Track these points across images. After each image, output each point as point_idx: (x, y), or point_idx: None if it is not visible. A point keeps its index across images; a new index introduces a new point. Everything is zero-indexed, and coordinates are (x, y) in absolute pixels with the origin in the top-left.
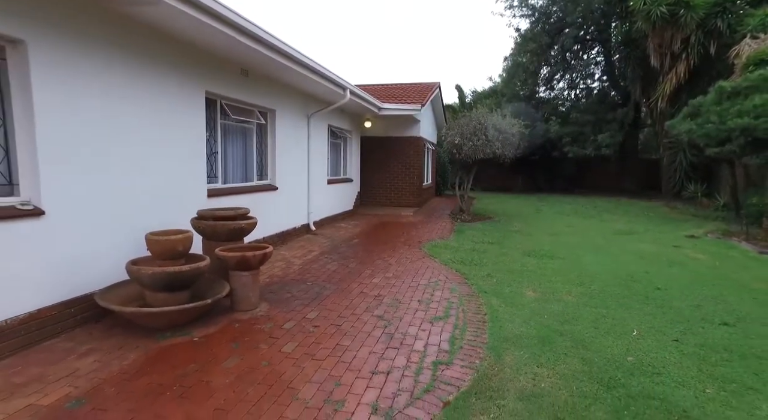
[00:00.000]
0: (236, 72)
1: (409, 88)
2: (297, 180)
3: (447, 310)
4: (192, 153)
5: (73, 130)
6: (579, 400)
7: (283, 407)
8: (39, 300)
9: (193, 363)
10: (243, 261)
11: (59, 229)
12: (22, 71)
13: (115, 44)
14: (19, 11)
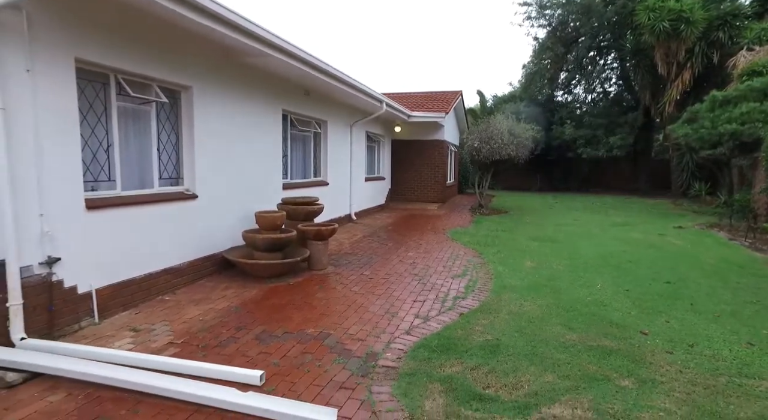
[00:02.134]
0: (301, 93)
1: (433, 96)
2: (342, 177)
3: (464, 272)
4: (275, 156)
5: (211, 143)
6: (545, 315)
7: (360, 313)
8: (195, 253)
9: (295, 294)
10: (319, 233)
11: (204, 209)
12: (189, 106)
13: (234, 81)
14: (189, 68)
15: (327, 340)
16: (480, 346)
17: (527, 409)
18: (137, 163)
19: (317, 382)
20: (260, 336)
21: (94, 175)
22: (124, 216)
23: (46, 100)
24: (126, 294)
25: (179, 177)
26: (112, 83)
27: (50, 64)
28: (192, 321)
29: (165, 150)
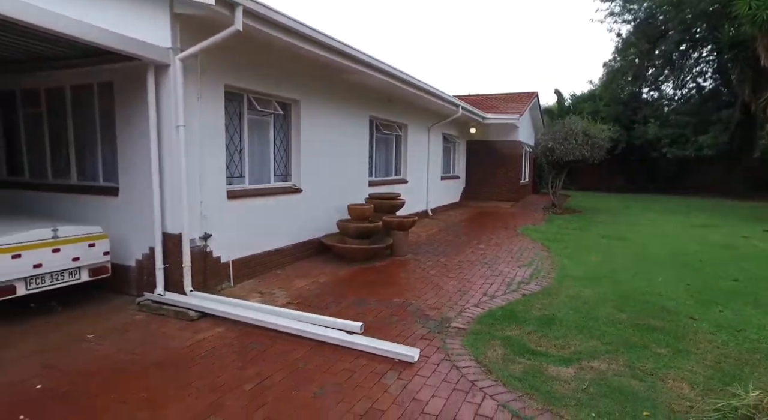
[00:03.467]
0: (384, 100)
1: (508, 97)
2: (419, 176)
3: (530, 262)
4: (363, 156)
5: (312, 146)
6: (600, 299)
7: (436, 290)
8: (299, 237)
9: (381, 274)
10: (401, 224)
11: (307, 201)
12: (297, 116)
13: (331, 94)
14: (298, 85)
15: (409, 307)
16: (537, 318)
17: (570, 361)
18: (259, 162)
19: (403, 334)
20: (355, 302)
21: (231, 172)
22: (250, 205)
23: (206, 117)
24: (250, 266)
25: (288, 174)
26: (245, 101)
27: (210, 91)
28: (301, 289)
29: (278, 152)
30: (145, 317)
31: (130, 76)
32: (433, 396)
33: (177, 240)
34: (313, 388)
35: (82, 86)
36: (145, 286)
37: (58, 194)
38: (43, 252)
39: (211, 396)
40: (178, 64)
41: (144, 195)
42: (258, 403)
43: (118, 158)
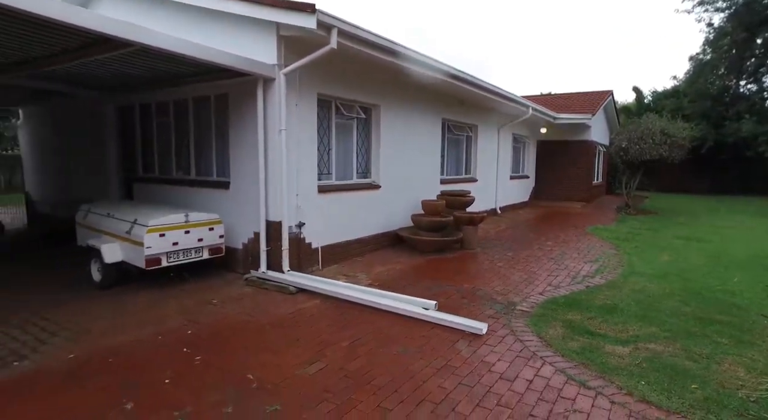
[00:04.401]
0: (456, 102)
1: (581, 96)
2: (489, 175)
3: (597, 259)
4: (435, 156)
5: (390, 146)
6: (665, 294)
7: (503, 279)
8: (377, 229)
9: (452, 264)
10: (471, 219)
11: (384, 196)
12: (377, 119)
13: (407, 98)
14: (377, 91)
15: (478, 292)
16: (598, 307)
17: (627, 342)
18: (343, 161)
19: (472, 313)
20: (429, 286)
21: (321, 170)
22: (336, 198)
23: (302, 122)
24: (334, 253)
25: (368, 172)
26: (333, 106)
27: (306, 99)
28: (380, 274)
29: (360, 152)
30: (252, 290)
31: (242, 88)
32: (499, 360)
33: (277, 227)
34: (397, 348)
35: (202, 98)
36: (250, 265)
37: (181, 187)
38: (179, 233)
39: (316, 348)
40: (282, 77)
41: (251, 188)
42: (353, 355)
43: (230, 157)
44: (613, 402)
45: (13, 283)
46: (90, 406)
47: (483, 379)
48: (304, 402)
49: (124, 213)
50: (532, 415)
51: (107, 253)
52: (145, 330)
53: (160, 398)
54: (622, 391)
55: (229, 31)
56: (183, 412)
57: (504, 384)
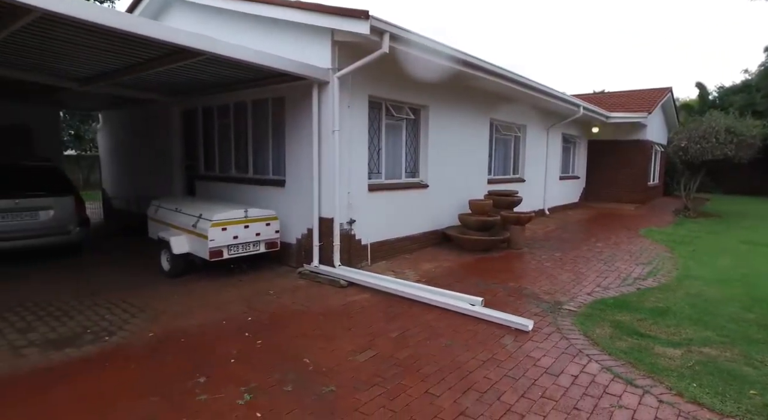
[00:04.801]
0: (504, 103)
1: (636, 94)
2: (537, 176)
3: (650, 262)
4: (482, 156)
5: (437, 146)
6: (725, 299)
7: (551, 279)
8: (424, 227)
9: (498, 263)
10: (518, 219)
11: (432, 195)
12: (425, 120)
13: (455, 99)
14: (426, 93)
15: (524, 291)
16: (650, 309)
17: (679, 345)
18: (392, 160)
19: (518, 311)
20: (475, 283)
21: (371, 169)
22: (385, 197)
23: (354, 123)
24: (383, 250)
25: (416, 171)
26: (383, 108)
27: (358, 101)
28: (428, 271)
29: (408, 152)
30: (305, 282)
31: (298, 91)
32: (544, 355)
33: (329, 223)
34: (443, 340)
35: (260, 100)
36: (302, 259)
37: (239, 185)
38: (239, 227)
39: (367, 337)
40: (336, 80)
41: (305, 186)
42: (402, 345)
43: (285, 157)
44: (661, 401)
45: (97, 271)
46: (170, 377)
47: (528, 373)
48: (357, 385)
49: (190, 208)
50: (576, 408)
51: (175, 245)
52: (210, 315)
53: (228, 375)
54: (671, 391)
55: (287, 38)
56: (248, 387)
57: (549, 378)
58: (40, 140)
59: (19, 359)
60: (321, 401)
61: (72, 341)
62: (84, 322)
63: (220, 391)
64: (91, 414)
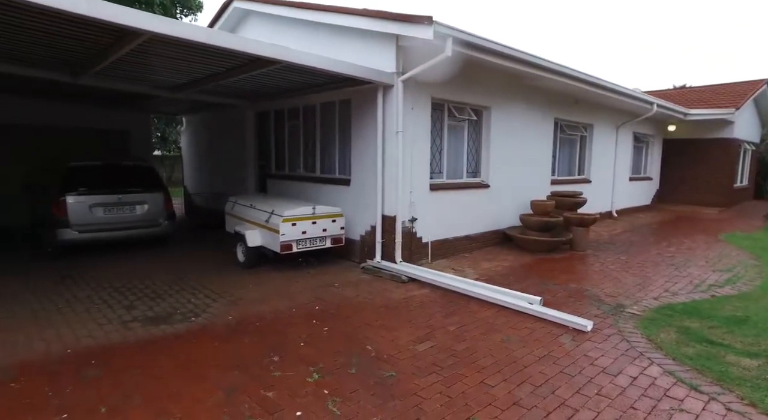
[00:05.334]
0: (570, 102)
1: (723, 89)
2: (604, 177)
3: (729, 268)
4: (545, 156)
5: (499, 147)
6: None
7: (614, 282)
8: (485, 227)
9: (559, 264)
10: (582, 220)
11: (493, 195)
12: (487, 120)
13: (517, 99)
14: (488, 93)
15: (585, 292)
16: (725, 317)
17: (757, 355)
18: (454, 161)
19: (577, 312)
20: (535, 283)
21: (433, 169)
22: (446, 197)
23: (417, 124)
24: (444, 248)
25: (478, 171)
26: (445, 109)
27: (421, 103)
28: (487, 270)
29: (470, 152)
30: (368, 277)
31: (364, 94)
32: (602, 355)
33: (392, 221)
34: (500, 336)
35: (328, 103)
36: (365, 255)
37: (307, 183)
38: (307, 223)
39: (426, 329)
40: (400, 84)
41: (368, 185)
42: (460, 338)
43: (351, 157)
44: (730, 409)
45: (182, 260)
46: (248, 355)
47: (584, 371)
48: (416, 372)
49: (262, 205)
50: (633, 408)
51: (250, 238)
52: (282, 303)
53: (298, 356)
54: (743, 401)
55: (353, 43)
56: (317, 368)
57: (606, 377)
58: (135, 142)
59: (127, 331)
60: (382, 384)
61: (165, 319)
62: (174, 304)
63: (292, 370)
64: (188, 380)
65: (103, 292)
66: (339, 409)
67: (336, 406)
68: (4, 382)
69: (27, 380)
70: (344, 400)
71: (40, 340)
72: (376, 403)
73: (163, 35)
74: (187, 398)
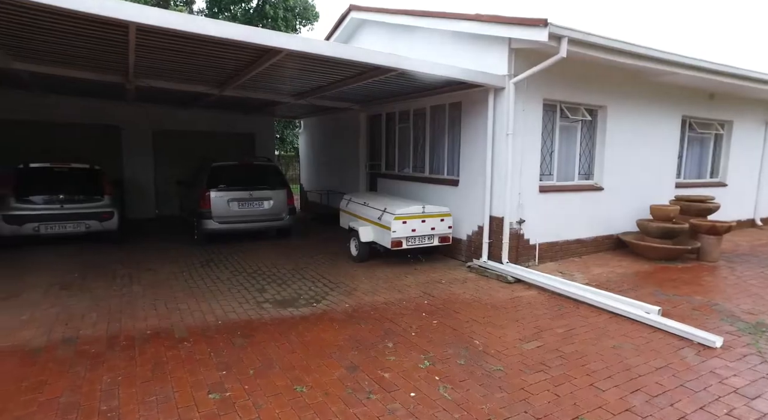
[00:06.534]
0: (703, 97)
1: None
2: (744, 180)
3: None
4: (669, 157)
5: (616, 147)
6: None
7: (754, 297)
8: (597, 231)
9: (682, 274)
10: (713, 228)
11: (607, 199)
12: (603, 120)
13: (638, 97)
14: (604, 92)
15: (714, 307)
16: None
17: None
18: (565, 162)
19: (704, 326)
20: (652, 293)
21: (542, 171)
22: (556, 199)
23: (527, 126)
24: (552, 251)
25: (590, 173)
26: (557, 110)
27: (532, 104)
28: (598, 275)
29: (582, 153)
30: (474, 276)
31: (474, 97)
32: (735, 375)
33: (499, 222)
34: (611, 343)
35: (438, 106)
36: (471, 254)
37: (416, 183)
38: (417, 221)
39: (533, 330)
40: (511, 86)
41: (477, 186)
42: (568, 341)
43: (459, 158)
44: None
45: (300, 251)
46: (365, 339)
47: (711, 388)
48: (523, 368)
49: (375, 203)
50: None
51: (363, 234)
52: (392, 295)
53: (410, 344)
54: None
55: (463, 46)
56: (427, 356)
57: (739, 398)
58: (260, 144)
59: (262, 311)
60: (490, 377)
61: (291, 303)
62: (297, 290)
63: (405, 356)
64: (315, 356)
65: (239, 275)
66: (449, 394)
67: (447, 391)
68: (180, 339)
69: (194, 341)
70: (454, 387)
71: (198, 311)
72: (484, 393)
73: (297, 52)
74: (315, 371)
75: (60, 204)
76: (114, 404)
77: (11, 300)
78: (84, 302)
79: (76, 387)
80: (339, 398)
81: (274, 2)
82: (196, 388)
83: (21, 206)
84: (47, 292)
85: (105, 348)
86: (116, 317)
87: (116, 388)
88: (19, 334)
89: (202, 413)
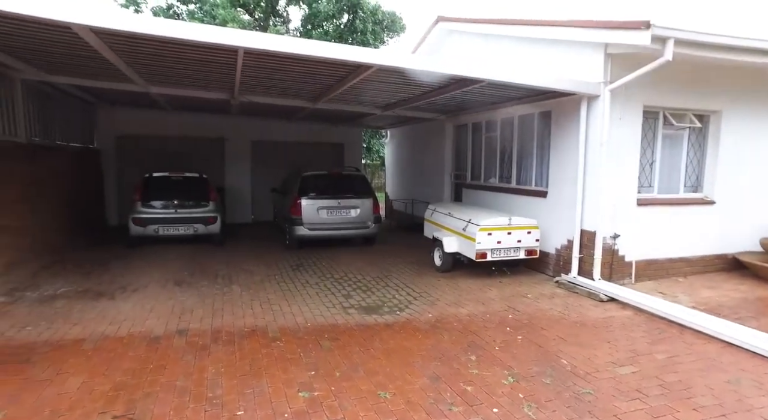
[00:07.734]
0: None
1: None
2: None
3: None
4: None
5: (733, 158)
6: None
7: None
8: (706, 250)
9: None
10: None
11: (719, 214)
12: (716, 128)
13: (760, 98)
14: (718, 96)
15: None
16: None
17: None
18: (668, 174)
19: None
20: None
21: (641, 183)
22: (657, 213)
23: (624, 135)
24: (651, 269)
25: (699, 186)
26: (660, 117)
27: (630, 112)
28: (707, 298)
29: (690, 164)
30: (563, 292)
31: (565, 105)
32: None
33: (591, 236)
34: (726, 376)
35: (526, 115)
36: (560, 269)
37: (502, 194)
38: (503, 233)
39: (628, 353)
40: (607, 93)
41: (567, 198)
42: (669, 369)
43: (549, 168)
44: None
45: (384, 259)
46: (447, 350)
47: None
48: (616, 394)
49: (460, 213)
50: None
51: (447, 245)
52: (476, 307)
53: (493, 358)
54: None
55: (554, 53)
56: (511, 372)
57: None
58: (348, 153)
59: (348, 316)
60: (578, 400)
61: (376, 310)
62: (382, 298)
63: (488, 370)
64: (398, 363)
65: (326, 280)
66: (535, 414)
67: (532, 411)
68: (274, 338)
69: (286, 341)
70: (539, 407)
71: (289, 313)
72: (572, 417)
73: (387, 66)
74: (398, 378)
75: (174, 209)
76: (218, 393)
77: (140, 291)
78: (193, 298)
79: (188, 373)
80: (421, 407)
81: (363, 17)
82: (287, 385)
83: (145, 210)
84: (165, 286)
85: (210, 341)
86: (219, 314)
87: (220, 378)
88: (146, 323)
89: (293, 409)
